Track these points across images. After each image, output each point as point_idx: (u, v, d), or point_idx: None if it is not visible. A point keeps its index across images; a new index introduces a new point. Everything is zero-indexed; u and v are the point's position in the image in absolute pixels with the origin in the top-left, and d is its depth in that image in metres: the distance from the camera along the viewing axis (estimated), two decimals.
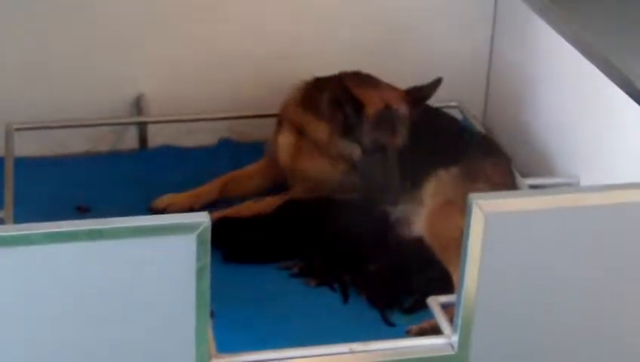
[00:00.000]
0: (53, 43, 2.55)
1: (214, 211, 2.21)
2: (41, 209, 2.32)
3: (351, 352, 1.77)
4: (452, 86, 2.64)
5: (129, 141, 2.68)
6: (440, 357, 1.76)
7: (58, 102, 2.57)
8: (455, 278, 2.04)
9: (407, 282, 2.16)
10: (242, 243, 2.27)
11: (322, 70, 2.42)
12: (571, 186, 2.32)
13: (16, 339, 1.60)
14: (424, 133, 2.30)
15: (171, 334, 1.65)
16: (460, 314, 1.71)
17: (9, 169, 2.28)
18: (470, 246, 1.66)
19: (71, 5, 2.54)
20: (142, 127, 2.67)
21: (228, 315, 2.01)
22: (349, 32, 2.67)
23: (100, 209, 2.37)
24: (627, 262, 1.75)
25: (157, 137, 2.68)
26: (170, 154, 2.65)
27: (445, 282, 2.08)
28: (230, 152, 2.63)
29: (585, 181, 2.32)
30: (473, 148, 2.35)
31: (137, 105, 2.63)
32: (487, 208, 1.63)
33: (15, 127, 2.44)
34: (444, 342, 1.77)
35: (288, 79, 2.54)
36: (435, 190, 2.24)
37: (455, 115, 2.58)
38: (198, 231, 1.57)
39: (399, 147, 2.25)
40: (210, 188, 2.43)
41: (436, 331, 1.83)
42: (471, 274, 1.68)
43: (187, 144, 2.69)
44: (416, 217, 2.24)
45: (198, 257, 1.59)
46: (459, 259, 1.68)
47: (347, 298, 2.16)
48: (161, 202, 2.39)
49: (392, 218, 2.26)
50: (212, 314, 1.68)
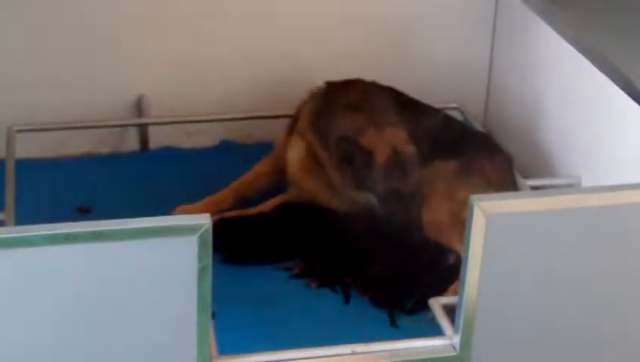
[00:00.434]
0: (54, 45, 2.55)
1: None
2: (42, 210, 2.33)
3: (353, 353, 1.77)
4: (452, 87, 2.65)
5: (130, 142, 2.68)
6: (442, 359, 1.76)
7: (59, 104, 2.57)
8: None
9: (409, 283, 2.16)
10: (242, 244, 2.27)
11: (322, 70, 2.43)
12: (572, 187, 2.32)
13: (17, 341, 1.60)
14: (426, 132, 2.30)
15: (173, 335, 1.65)
16: (462, 315, 1.71)
17: (10, 171, 2.28)
18: (472, 247, 1.66)
19: (72, 7, 2.54)
20: (143, 129, 2.67)
21: (229, 316, 2.01)
22: (350, 33, 2.67)
23: (102, 210, 2.37)
24: (629, 263, 1.75)
25: (158, 138, 2.68)
26: (171, 155, 2.65)
27: (447, 283, 2.09)
28: (231, 154, 2.63)
29: (586, 182, 2.32)
30: (474, 145, 2.35)
31: (138, 106, 2.64)
32: (488, 209, 1.63)
33: (16, 129, 2.45)
34: (445, 343, 1.77)
35: (289, 80, 2.54)
36: (429, 180, 2.24)
37: (456, 116, 2.58)
38: (200, 232, 1.57)
39: (414, 189, 2.22)
40: (224, 195, 2.40)
41: None
42: (472, 275, 1.68)
43: (188, 145, 2.69)
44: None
45: (200, 258, 1.59)
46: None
47: (349, 298, 2.16)
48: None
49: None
50: (213, 315, 1.68)
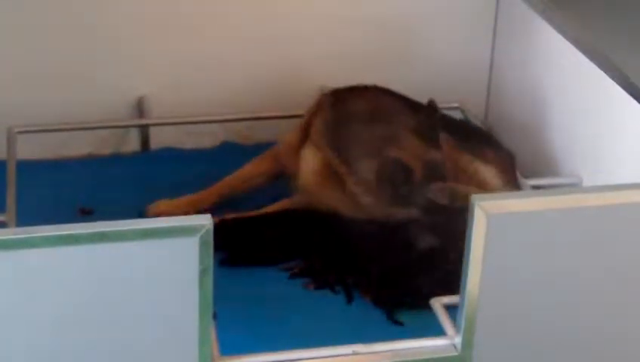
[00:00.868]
0: (54, 45, 2.55)
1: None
2: (43, 212, 2.33)
3: (354, 354, 1.77)
4: (453, 86, 2.65)
5: (131, 143, 2.68)
6: (443, 358, 1.76)
7: (60, 105, 2.58)
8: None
9: (410, 283, 2.16)
10: (242, 246, 2.27)
11: (322, 71, 2.43)
12: (573, 187, 2.32)
13: (18, 343, 1.60)
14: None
15: (174, 336, 1.65)
16: (463, 315, 1.71)
17: (11, 172, 2.28)
18: (472, 247, 1.66)
19: (72, 8, 2.54)
20: (144, 130, 2.67)
21: (230, 317, 2.01)
22: (350, 33, 2.67)
23: (103, 211, 2.37)
24: (630, 263, 1.75)
25: (159, 139, 2.68)
26: (172, 156, 2.65)
27: (449, 283, 2.08)
28: (233, 154, 2.63)
29: (587, 181, 2.32)
30: (479, 142, 2.35)
31: (139, 107, 2.64)
32: (489, 209, 1.63)
33: (17, 130, 2.44)
34: (447, 343, 1.77)
35: (290, 81, 2.54)
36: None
37: (456, 116, 2.58)
38: (201, 233, 1.57)
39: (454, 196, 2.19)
40: (208, 194, 2.40)
41: None
42: (473, 274, 1.68)
43: (189, 146, 2.69)
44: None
45: (201, 259, 1.59)
46: None
47: (351, 298, 2.16)
48: (155, 208, 2.38)
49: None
50: (215, 316, 1.68)
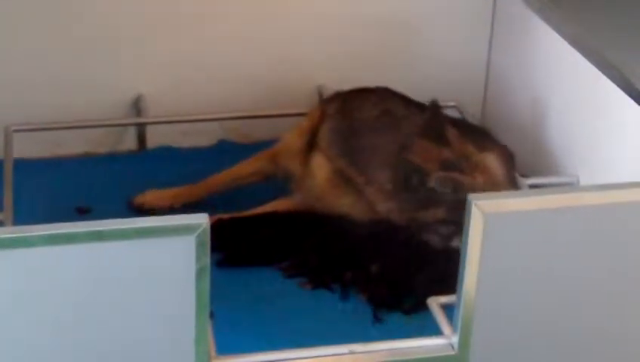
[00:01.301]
0: (51, 44, 2.55)
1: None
2: (40, 210, 2.33)
3: (351, 353, 1.77)
4: (450, 86, 2.65)
5: (128, 142, 2.68)
6: (440, 358, 1.76)
7: (57, 103, 2.57)
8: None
9: (407, 283, 2.16)
10: (238, 246, 2.27)
11: (321, 70, 2.42)
12: (571, 186, 2.32)
13: (15, 342, 1.60)
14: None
15: (171, 335, 1.65)
16: (460, 315, 1.71)
17: (8, 171, 2.27)
18: (469, 246, 1.66)
19: (69, 6, 2.54)
20: (141, 128, 2.67)
21: (227, 316, 2.01)
22: (349, 32, 2.67)
23: (100, 210, 2.37)
24: (627, 262, 1.75)
25: (155, 138, 2.68)
26: (169, 155, 2.65)
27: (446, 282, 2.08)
28: (229, 153, 2.63)
29: (584, 180, 2.32)
30: (478, 132, 2.35)
31: (136, 106, 2.63)
32: (486, 208, 1.64)
33: (13, 129, 2.44)
34: (444, 343, 1.77)
35: (288, 80, 2.54)
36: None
37: (453, 115, 2.58)
38: (198, 232, 1.57)
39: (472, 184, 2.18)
40: (197, 188, 2.42)
41: None
42: (470, 274, 1.68)
43: (186, 145, 2.69)
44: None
45: (198, 258, 1.59)
46: None
47: (348, 295, 2.16)
48: (142, 197, 2.40)
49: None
50: (211, 315, 1.68)
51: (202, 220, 1.57)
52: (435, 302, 1.90)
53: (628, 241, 1.73)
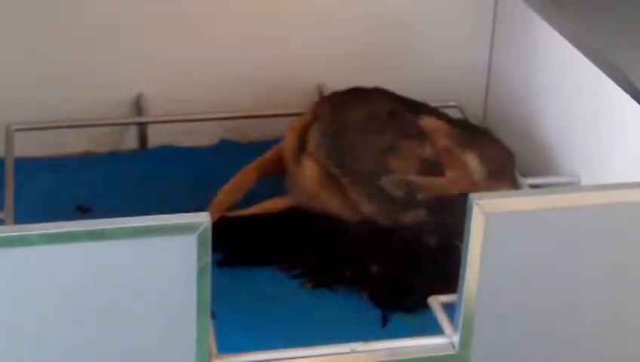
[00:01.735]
0: (52, 43, 2.55)
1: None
2: (41, 209, 2.33)
3: (352, 352, 1.77)
4: (451, 85, 2.65)
5: (129, 141, 2.68)
6: (442, 357, 1.76)
7: (58, 102, 2.57)
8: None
9: (408, 282, 2.15)
10: (239, 245, 2.26)
11: (321, 70, 2.42)
12: (572, 185, 2.32)
13: (15, 342, 1.59)
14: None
15: (172, 335, 1.65)
16: (461, 314, 1.71)
17: (9, 170, 2.27)
18: (470, 245, 1.66)
19: (70, 5, 2.54)
20: (142, 128, 2.67)
21: (228, 315, 2.01)
22: (349, 32, 2.67)
23: (101, 209, 2.37)
24: (629, 262, 1.75)
25: (157, 137, 2.68)
26: (170, 154, 2.65)
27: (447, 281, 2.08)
28: (230, 152, 2.63)
29: (585, 180, 2.32)
30: (478, 139, 2.35)
31: (137, 105, 2.63)
32: (487, 208, 1.63)
33: (15, 128, 2.44)
34: (445, 342, 1.77)
35: (288, 79, 2.54)
36: None
37: (455, 115, 2.58)
38: (199, 231, 1.57)
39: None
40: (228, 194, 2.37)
41: None
42: (471, 273, 1.68)
43: (187, 144, 2.69)
44: None
45: (199, 257, 1.58)
46: None
47: (348, 295, 2.16)
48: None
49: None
50: (213, 315, 1.68)
51: (203, 219, 1.57)
52: (436, 301, 1.90)
53: (629, 241, 1.73)
